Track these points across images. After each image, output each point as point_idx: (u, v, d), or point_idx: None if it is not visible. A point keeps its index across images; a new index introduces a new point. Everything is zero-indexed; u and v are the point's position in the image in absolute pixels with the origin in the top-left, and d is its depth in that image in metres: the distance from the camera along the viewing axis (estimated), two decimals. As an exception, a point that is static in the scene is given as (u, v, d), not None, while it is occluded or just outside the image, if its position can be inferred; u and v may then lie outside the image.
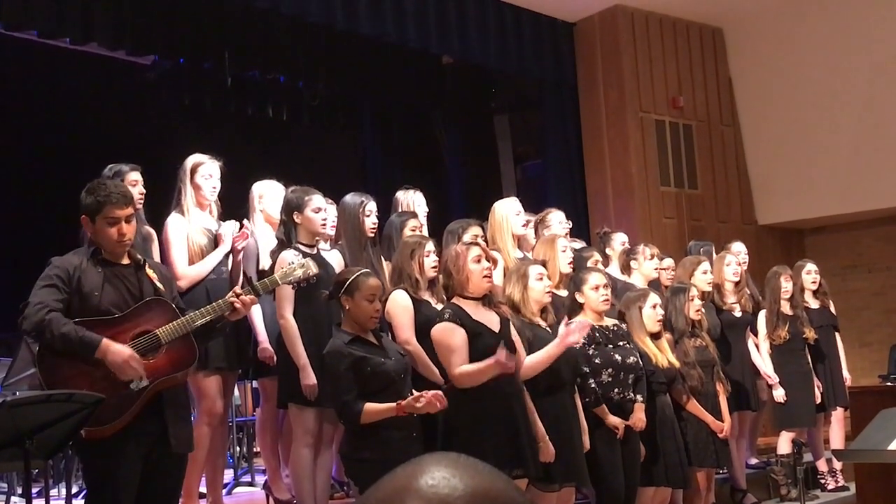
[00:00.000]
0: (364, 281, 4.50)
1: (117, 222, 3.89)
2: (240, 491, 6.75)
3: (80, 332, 3.77)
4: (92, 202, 3.90)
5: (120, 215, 3.89)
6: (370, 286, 4.50)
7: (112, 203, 3.88)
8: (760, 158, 10.80)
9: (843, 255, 11.00)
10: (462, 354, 4.59)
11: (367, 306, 4.47)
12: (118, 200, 3.90)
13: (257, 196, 5.77)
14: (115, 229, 3.89)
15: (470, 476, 1.06)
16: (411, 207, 6.04)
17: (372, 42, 8.98)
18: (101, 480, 3.87)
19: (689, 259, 7.08)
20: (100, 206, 3.88)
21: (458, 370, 4.59)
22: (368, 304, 4.47)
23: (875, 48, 10.04)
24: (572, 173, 10.09)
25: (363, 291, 4.47)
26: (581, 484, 5.18)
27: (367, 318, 4.49)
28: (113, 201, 3.89)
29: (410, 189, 6.21)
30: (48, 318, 3.75)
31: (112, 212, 3.88)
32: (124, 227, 3.91)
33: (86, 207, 3.92)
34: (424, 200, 6.20)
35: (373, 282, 4.53)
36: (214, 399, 5.21)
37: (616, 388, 5.39)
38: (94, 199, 3.90)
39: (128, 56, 8.98)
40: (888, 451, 4.18)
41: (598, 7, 9.96)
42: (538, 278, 5.12)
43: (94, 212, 3.89)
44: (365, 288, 4.48)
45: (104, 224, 3.89)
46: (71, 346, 3.76)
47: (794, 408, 7.19)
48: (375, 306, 4.52)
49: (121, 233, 3.90)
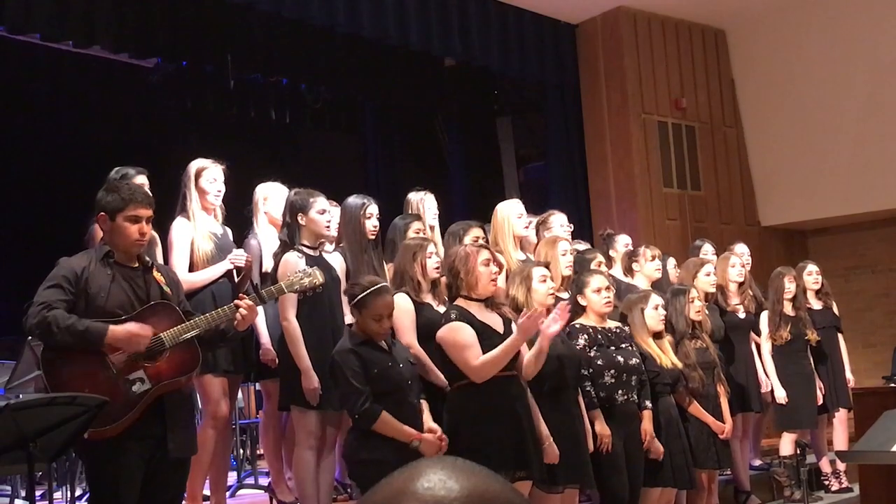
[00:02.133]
0: (376, 299, 4.44)
1: (139, 221, 3.93)
2: (243, 493, 6.75)
3: (86, 323, 3.79)
4: (115, 200, 3.93)
5: (143, 214, 3.95)
6: (378, 306, 4.43)
7: (137, 202, 3.94)
8: (763, 160, 10.80)
9: (846, 256, 10.99)
10: (476, 348, 4.57)
11: (374, 325, 4.44)
12: (143, 200, 3.97)
13: (261, 198, 5.78)
14: (137, 228, 3.93)
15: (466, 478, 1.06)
16: (422, 210, 6.04)
17: (374, 44, 8.99)
18: (104, 482, 3.88)
19: (692, 261, 7.07)
20: (124, 205, 3.92)
21: (477, 361, 4.56)
22: (375, 322, 4.44)
23: (878, 49, 10.03)
24: (575, 175, 10.09)
25: (371, 311, 4.42)
26: (585, 486, 5.17)
27: (374, 334, 4.47)
28: (138, 200, 3.95)
29: (422, 191, 6.20)
30: (51, 315, 3.76)
31: (136, 210, 3.93)
32: (145, 227, 3.96)
33: (106, 205, 3.94)
34: (435, 203, 6.20)
35: (381, 301, 4.45)
36: (219, 402, 5.22)
37: (620, 390, 5.38)
38: (119, 197, 3.93)
39: (130, 59, 8.99)
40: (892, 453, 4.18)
41: (601, 9, 9.96)
42: (542, 280, 5.12)
43: (116, 210, 3.92)
44: (373, 307, 4.42)
45: (125, 222, 3.92)
46: (77, 338, 3.77)
47: (796, 409, 7.18)
48: (383, 325, 4.47)
49: (141, 232, 3.94)
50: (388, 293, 4.54)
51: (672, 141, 10.19)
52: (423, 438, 4.37)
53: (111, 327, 3.81)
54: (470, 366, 4.58)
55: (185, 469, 4.15)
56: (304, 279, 4.41)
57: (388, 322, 4.51)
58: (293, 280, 4.42)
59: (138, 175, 5.32)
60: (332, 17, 8.09)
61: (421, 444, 4.35)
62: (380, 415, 4.30)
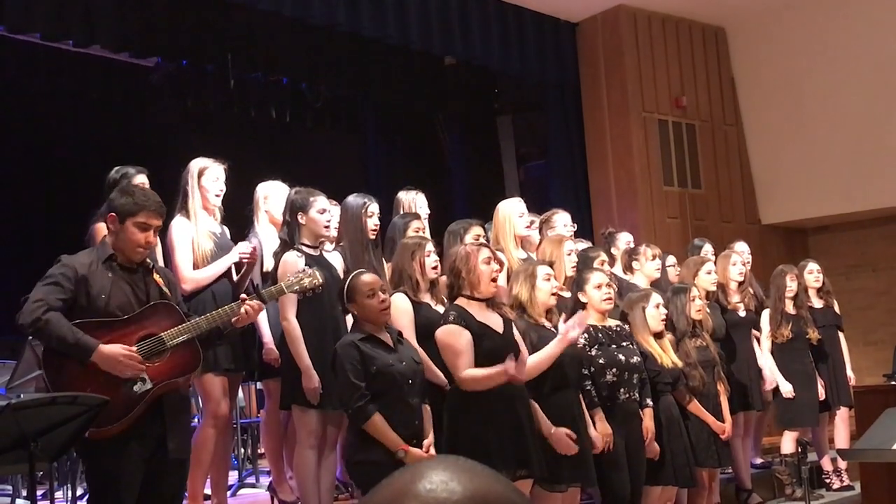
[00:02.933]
0: (357, 281, 4.49)
1: (148, 229, 3.93)
2: (244, 492, 6.76)
3: (77, 336, 3.77)
4: (128, 203, 3.92)
5: (153, 224, 3.95)
6: (364, 283, 4.47)
7: (150, 210, 3.93)
8: (763, 158, 10.79)
9: (847, 254, 10.98)
10: (468, 357, 4.58)
11: (370, 302, 4.44)
12: (156, 209, 3.97)
13: (262, 197, 5.78)
14: (144, 236, 3.92)
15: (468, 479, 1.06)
16: (413, 209, 6.04)
17: (374, 43, 8.98)
18: (104, 481, 3.88)
19: (692, 259, 7.07)
20: (136, 209, 3.91)
21: (464, 373, 4.57)
22: (370, 300, 4.44)
23: (877, 46, 10.03)
24: (575, 174, 10.09)
25: (361, 290, 4.45)
26: (587, 484, 5.17)
27: (376, 314, 4.46)
28: (151, 208, 3.94)
29: (412, 190, 6.21)
30: (46, 318, 3.76)
31: (148, 218, 3.93)
32: (151, 236, 3.96)
33: (119, 207, 3.94)
34: (426, 202, 6.20)
35: (366, 278, 4.51)
36: (219, 401, 5.21)
37: (622, 388, 5.37)
38: (132, 202, 3.92)
39: (131, 58, 8.99)
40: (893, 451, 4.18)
41: (601, 7, 9.96)
42: (546, 279, 5.11)
43: (128, 213, 3.91)
44: (361, 286, 4.46)
45: (134, 227, 3.91)
46: (66, 349, 3.77)
47: (797, 407, 7.18)
48: (380, 299, 4.47)
49: (147, 240, 3.94)
50: (366, 273, 4.58)
51: (672, 139, 10.19)
52: (408, 451, 4.27)
53: (100, 347, 3.78)
54: (458, 373, 4.59)
55: (185, 469, 4.15)
56: (305, 279, 4.41)
57: (381, 296, 4.49)
58: (293, 280, 4.42)
59: (138, 175, 5.31)
60: (332, 16, 8.09)
61: (406, 455, 4.26)
62: (372, 416, 4.27)
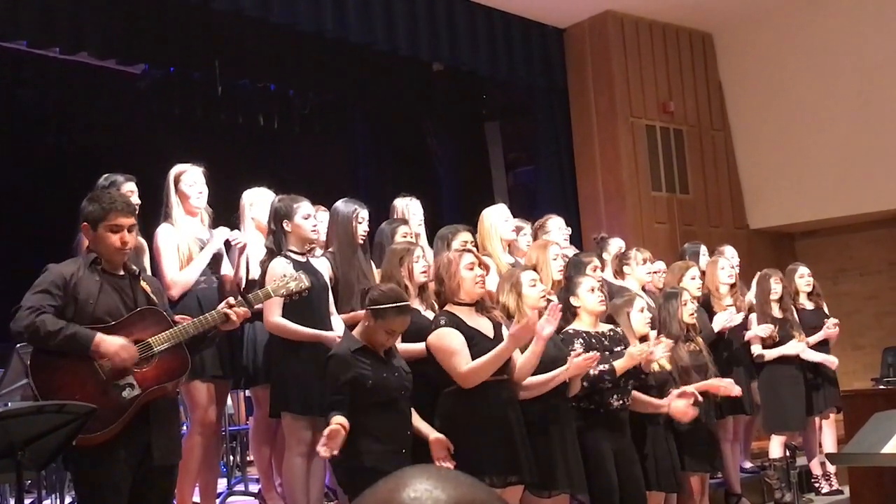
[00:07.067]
0: (394, 316, 4.35)
1: (120, 230, 3.94)
2: (234, 500, 6.73)
3: (74, 328, 3.80)
4: (96, 210, 3.94)
5: (124, 224, 3.95)
6: (396, 323, 4.36)
7: (117, 210, 3.95)
8: (751, 163, 10.83)
9: (834, 258, 11.02)
10: (465, 354, 4.55)
11: (382, 337, 4.38)
12: (123, 209, 3.97)
13: (248, 204, 5.76)
14: (118, 237, 3.94)
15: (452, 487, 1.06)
16: (408, 215, 6.04)
17: (362, 50, 8.99)
18: (92, 489, 3.87)
19: (677, 264, 7.08)
20: (104, 214, 3.93)
21: (465, 368, 4.53)
22: (385, 335, 4.37)
23: (864, 52, 10.07)
24: (564, 179, 10.10)
25: (387, 324, 4.34)
26: (577, 491, 5.15)
27: (378, 346, 4.40)
28: (118, 209, 3.95)
29: (408, 196, 6.21)
30: (40, 319, 3.77)
31: (116, 219, 3.93)
32: (126, 236, 3.96)
33: (88, 215, 3.96)
34: (421, 208, 6.20)
35: (401, 320, 4.38)
36: (207, 408, 5.20)
37: (615, 395, 5.34)
38: (99, 207, 3.94)
39: (118, 65, 8.98)
40: (882, 455, 4.18)
41: (588, 13, 9.98)
42: (531, 284, 5.10)
43: (98, 220, 3.93)
44: (390, 322, 4.34)
45: (107, 232, 3.93)
46: (65, 342, 3.77)
47: (784, 411, 7.17)
48: (391, 340, 4.42)
49: (123, 241, 3.95)
50: (408, 313, 4.46)
51: (660, 144, 10.21)
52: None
53: (99, 335, 3.81)
54: (458, 372, 4.56)
55: (173, 476, 4.14)
56: (291, 283, 4.40)
57: (396, 338, 4.46)
58: (280, 284, 4.41)
59: (127, 182, 5.30)
60: (319, 22, 8.09)
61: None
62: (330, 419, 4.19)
